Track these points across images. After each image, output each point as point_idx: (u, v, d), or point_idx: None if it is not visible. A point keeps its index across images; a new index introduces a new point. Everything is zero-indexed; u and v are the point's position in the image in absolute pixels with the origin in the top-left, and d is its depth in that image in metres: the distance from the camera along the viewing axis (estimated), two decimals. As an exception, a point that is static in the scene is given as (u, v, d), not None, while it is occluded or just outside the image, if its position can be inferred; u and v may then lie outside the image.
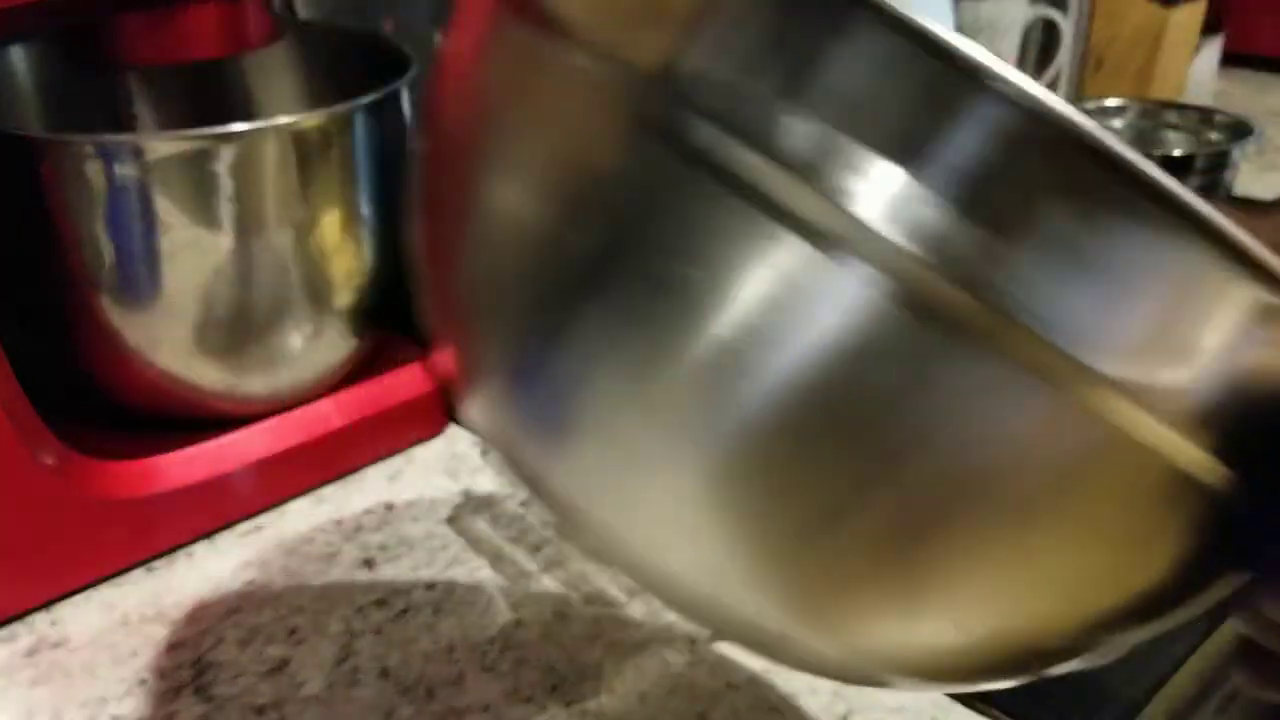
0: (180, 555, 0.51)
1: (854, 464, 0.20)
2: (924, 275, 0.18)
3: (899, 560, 0.21)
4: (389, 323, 0.59)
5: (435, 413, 0.59)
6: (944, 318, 0.18)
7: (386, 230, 0.54)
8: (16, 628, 0.46)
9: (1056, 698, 0.42)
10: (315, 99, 0.62)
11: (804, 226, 0.18)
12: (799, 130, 0.18)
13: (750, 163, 0.18)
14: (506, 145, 0.22)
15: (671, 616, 0.46)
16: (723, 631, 0.24)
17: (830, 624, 0.22)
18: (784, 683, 0.43)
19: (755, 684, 0.43)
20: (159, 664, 0.45)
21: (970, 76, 0.18)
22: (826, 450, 0.20)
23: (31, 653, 0.45)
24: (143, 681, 0.44)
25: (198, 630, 0.46)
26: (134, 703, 0.43)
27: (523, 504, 0.54)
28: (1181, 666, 0.43)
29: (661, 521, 0.22)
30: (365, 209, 0.52)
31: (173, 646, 0.46)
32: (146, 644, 0.46)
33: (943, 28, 0.18)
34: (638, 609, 0.47)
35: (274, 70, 0.62)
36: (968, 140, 0.18)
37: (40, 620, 0.47)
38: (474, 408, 0.25)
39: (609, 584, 0.48)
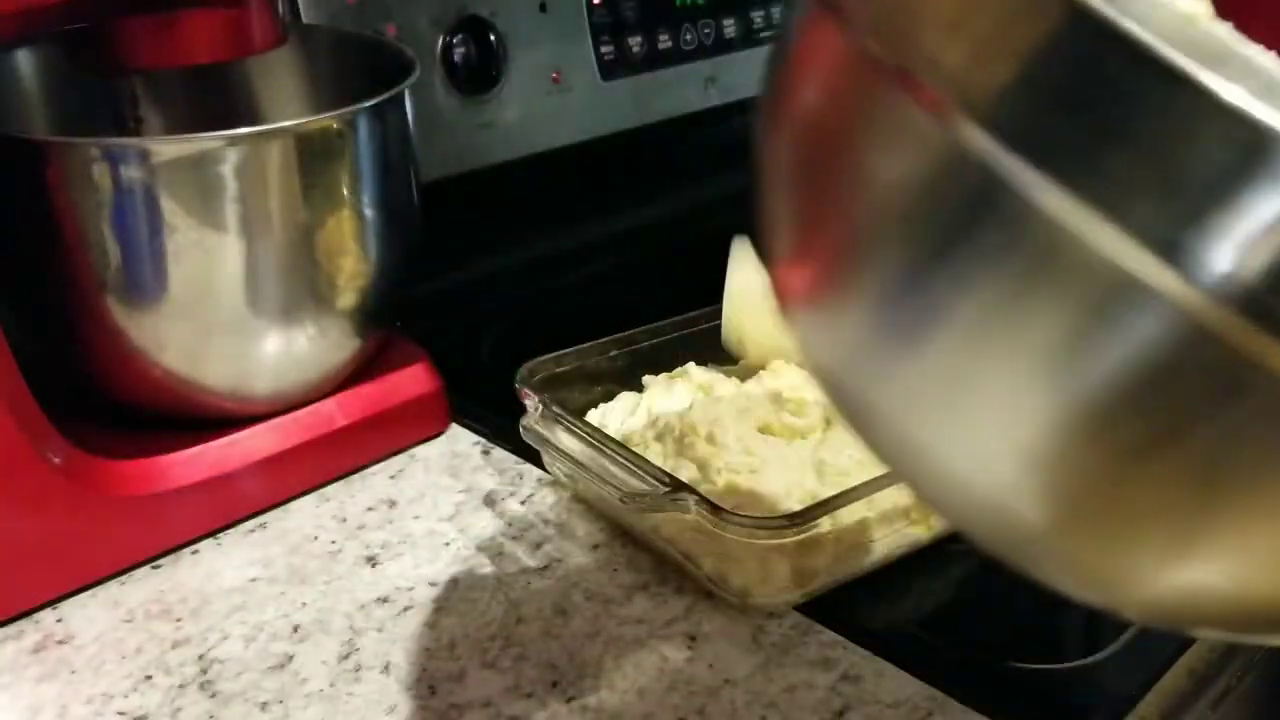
0: (185, 553, 0.51)
1: (1168, 429, 0.23)
2: (1230, 321, 0.20)
3: (1192, 505, 0.23)
4: (392, 323, 0.60)
5: (437, 412, 0.60)
6: (1253, 359, 0.20)
7: (390, 232, 0.55)
8: (23, 624, 0.47)
9: (1050, 694, 0.43)
10: (319, 102, 0.62)
11: (1111, 267, 0.21)
12: (1112, 175, 0.21)
13: (1061, 204, 0.21)
14: (870, 134, 0.26)
15: (670, 614, 0.47)
16: (987, 540, 0.28)
17: (1109, 549, 0.26)
18: (781, 678, 0.43)
19: (752, 680, 0.43)
20: (164, 660, 0.45)
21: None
22: (1144, 414, 0.23)
23: (38, 649, 0.46)
24: (148, 677, 0.44)
25: (202, 627, 0.47)
26: (139, 699, 0.43)
27: (523, 502, 0.54)
28: (1175, 662, 0.44)
29: (983, 442, 0.25)
30: (369, 211, 0.53)
31: (178, 643, 0.46)
32: (151, 640, 0.46)
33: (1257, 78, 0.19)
34: (637, 606, 0.47)
35: (278, 73, 0.63)
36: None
37: (46, 617, 0.47)
38: (809, 323, 0.30)
39: (608, 582, 0.49)
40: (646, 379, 0.59)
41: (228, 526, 0.53)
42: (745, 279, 0.50)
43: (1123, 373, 0.22)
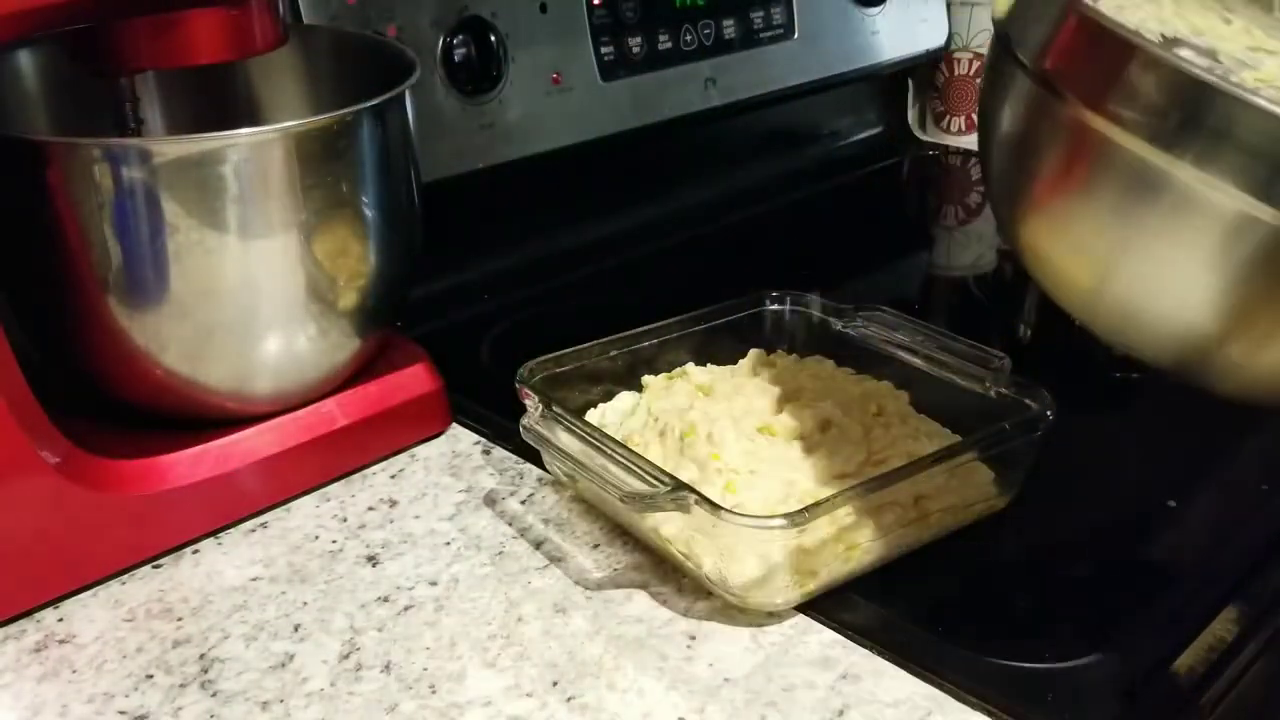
0: (186, 552, 0.51)
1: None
2: None
3: None
4: (392, 323, 0.60)
5: (438, 412, 0.60)
6: None
7: (390, 232, 0.55)
8: (24, 624, 0.47)
9: (1050, 693, 0.43)
10: (319, 102, 0.62)
11: (1230, 206, 0.40)
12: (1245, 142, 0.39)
13: (1193, 174, 0.40)
14: (1061, 142, 0.47)
15: (670, 613, 0.47)
16: (1164, 356, 0.46)
17: (1260, 354, 0.43)
18: (781, 677, 0.43)
19: (752, 679, 0.43)
20: (165, 659, 0.45)
21: None
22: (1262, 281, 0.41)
23: (39, 649, 0.46)
24: (149, 677, 0.44)
25: (203, 626, 0.47)
26: (140, 698, 0.43)
27: (523, 502, 0.54)
28: (1175, 662, 0.44)
29: (1170, 290, 0.44)
30: (369, 211, 0.53)
31: (178, 642, 0.46)
32: (152, 640, 0.46)
33: None
34: (637, 606, 0.47)
35: (279, 74, 0.63)
36: None
37: (48, 617, 0.48)
38: (1050, 228, 0.48)
39: (608, 582, 0.49)
40: (646, 379, 0.59)
41: (228, 526, 0.53)
42: None
43: (1242, 260, 0.40)
